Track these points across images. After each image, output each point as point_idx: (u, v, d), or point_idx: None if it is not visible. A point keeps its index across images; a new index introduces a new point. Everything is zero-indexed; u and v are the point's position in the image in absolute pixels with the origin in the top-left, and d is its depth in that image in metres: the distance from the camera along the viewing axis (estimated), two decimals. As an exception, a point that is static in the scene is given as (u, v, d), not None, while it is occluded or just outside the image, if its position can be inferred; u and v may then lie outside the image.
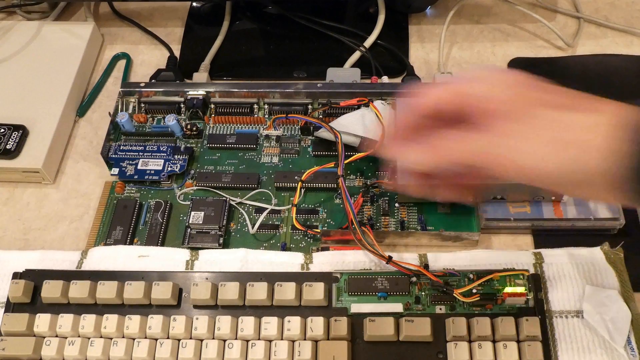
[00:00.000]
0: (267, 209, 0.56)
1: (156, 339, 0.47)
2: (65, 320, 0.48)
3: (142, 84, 0.63)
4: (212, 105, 0.63)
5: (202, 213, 0.55)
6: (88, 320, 0.48)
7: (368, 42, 0.69)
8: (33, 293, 0.50)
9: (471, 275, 0.49)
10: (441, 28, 0.69)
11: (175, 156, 0.60)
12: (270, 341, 0.47)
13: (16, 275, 0.51)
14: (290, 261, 0.52)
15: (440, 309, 0.48)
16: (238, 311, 0.48)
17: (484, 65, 0.66)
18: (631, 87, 0.63)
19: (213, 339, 0.47)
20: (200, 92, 0.63)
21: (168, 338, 0.48)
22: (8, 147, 0.59)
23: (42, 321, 0.48)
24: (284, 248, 0.54)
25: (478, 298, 0.47)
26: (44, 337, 0.48)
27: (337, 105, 0.61)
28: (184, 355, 0.47)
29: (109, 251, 0.54)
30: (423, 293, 0.49)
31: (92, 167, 0.62)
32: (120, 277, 0.50)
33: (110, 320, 0.48)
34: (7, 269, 0.53)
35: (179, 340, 0.47)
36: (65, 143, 0.64)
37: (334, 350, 0.46)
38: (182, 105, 0.63)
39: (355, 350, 0.47)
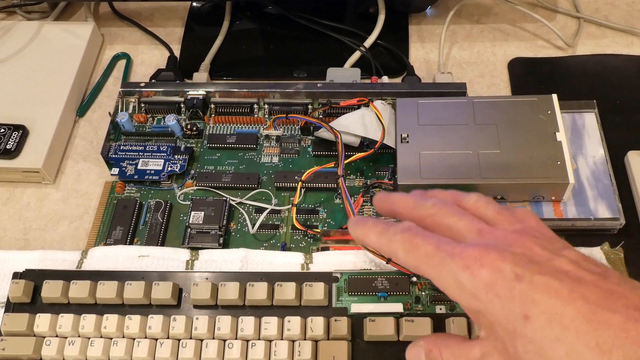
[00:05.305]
0: (267, 209, 0.56)
1: (156, 339, 0.47)
2: (66, 320, 0.48)
3: (142, 84, 0.63)
4: (212, 105, 0.63)
5: (202, 213, 0.55)
6: (88, 320, 0.48)
7: (368, 42, 0.69)
8: (33, 293, 0.50)
9: (471, 275, 0.48)
10: (441, 28, 0.69)
11: (175, 156, 0.60)
12: (270, 341, 0.47)
13: (16, 275, 0.51)
14: (290, 261, 0.52)
15: (440, 309, 0.48)
16: (238, 311, 0.48)
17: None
18: (631, 87, 0.63)
19: (213, 338, 0.47)
20: (200, 92, 0.63)
21: (168, 338, 0.47)
22: (8, 147, 0.59)
23: (42, 321, 0.48)
24: (284, 248, 0.54)
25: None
26: (44, 337, 0.48)
27: (337, 105, 0.60)
28: (184, 355, 0.46)
29: (109, 251, 0.54)
30: (423, 293, 0.49)
31: (92, 167, 0.62)
32: (120, 277, 0.50)
33: (110, 320, 0.48)
34: (7, 269, 0.53)
35: (179, 340, 0.47)
36: (65, 143, 0.64)
37: (334, 350, 0.46)
38: (182, 105, 0.63)
39: (355, 350, 0.46)
